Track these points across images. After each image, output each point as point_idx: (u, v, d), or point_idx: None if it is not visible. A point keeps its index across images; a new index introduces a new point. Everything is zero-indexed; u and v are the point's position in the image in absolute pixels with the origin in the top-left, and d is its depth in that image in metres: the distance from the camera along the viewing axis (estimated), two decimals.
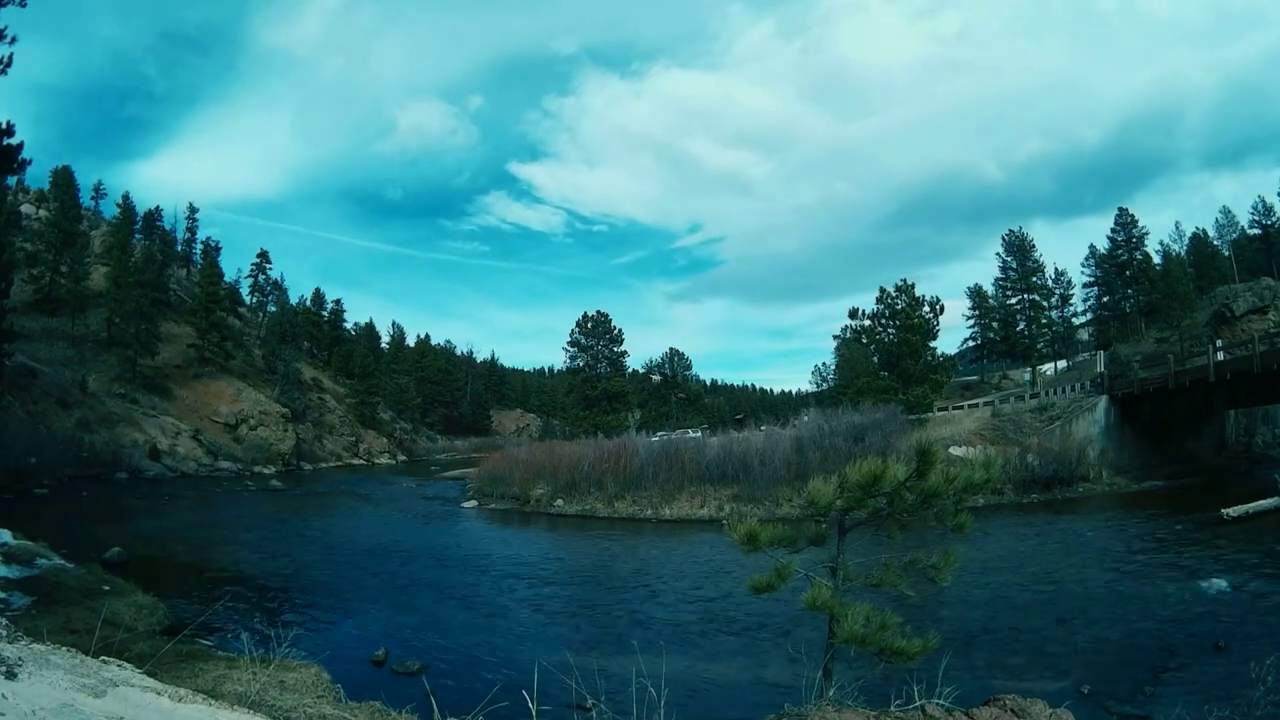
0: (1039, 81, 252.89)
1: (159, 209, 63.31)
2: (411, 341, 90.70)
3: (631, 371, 51.51)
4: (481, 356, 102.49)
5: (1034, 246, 46.36)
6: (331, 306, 72.71)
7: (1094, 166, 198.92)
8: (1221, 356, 24.69)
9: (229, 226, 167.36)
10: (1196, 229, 51.99)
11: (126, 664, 2.97)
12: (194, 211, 65.65)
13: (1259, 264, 45.73)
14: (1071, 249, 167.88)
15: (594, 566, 16.67)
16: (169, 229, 63.24)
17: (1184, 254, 48.42)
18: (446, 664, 9.34)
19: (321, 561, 16.51)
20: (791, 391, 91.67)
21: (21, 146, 18.61)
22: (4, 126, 17.98)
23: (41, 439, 29.15)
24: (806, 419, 31.24)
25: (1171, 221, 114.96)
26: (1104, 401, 26.75)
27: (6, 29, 15.62)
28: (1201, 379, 23.58)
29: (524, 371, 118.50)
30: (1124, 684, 7.95)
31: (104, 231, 54.71)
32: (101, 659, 2.86)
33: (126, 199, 54.21)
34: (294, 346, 59.44)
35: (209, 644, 8.92)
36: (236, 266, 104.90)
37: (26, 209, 48.34)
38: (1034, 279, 45.85)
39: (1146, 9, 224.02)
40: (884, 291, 35.11)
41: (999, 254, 47.23)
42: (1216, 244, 51.15)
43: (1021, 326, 45.80)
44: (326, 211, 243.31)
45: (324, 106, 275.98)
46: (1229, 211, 52.13)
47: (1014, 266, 46.37)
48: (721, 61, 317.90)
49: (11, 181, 40.93)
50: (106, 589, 10.60)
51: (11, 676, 2.19)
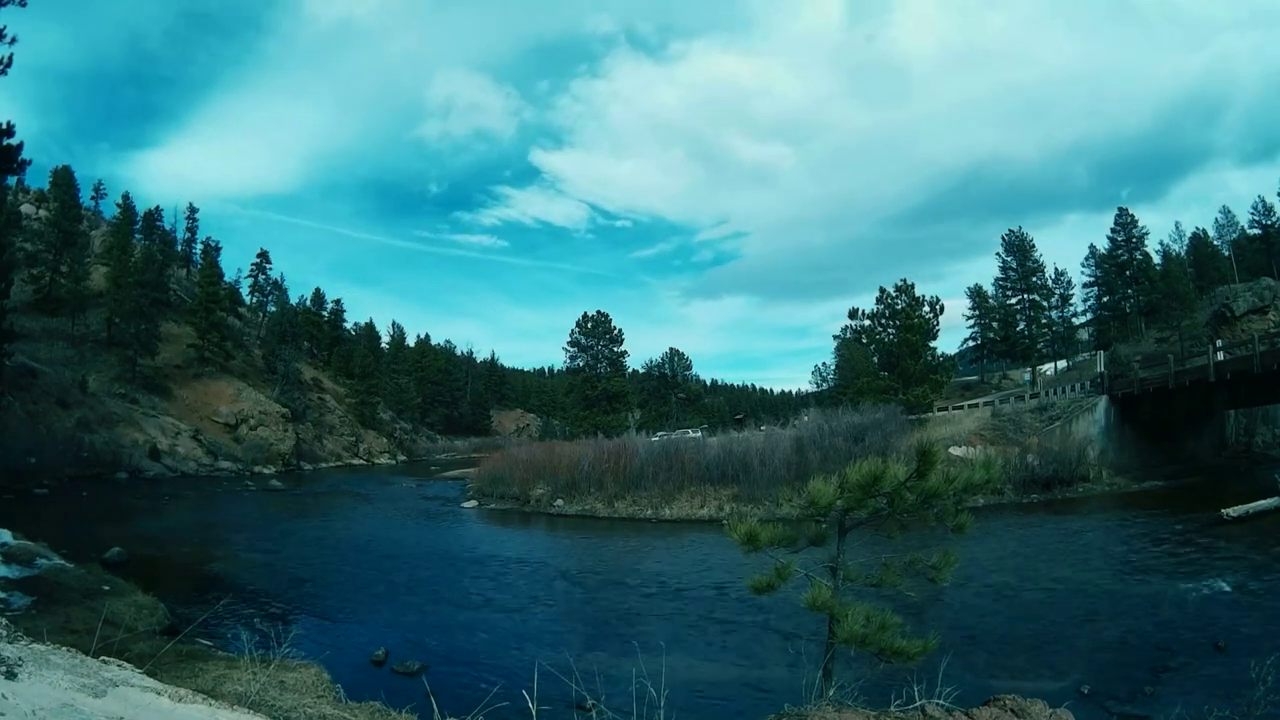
0: (1080, 68, 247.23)
1: (159, 209, 63.65)
2: (411, 341, 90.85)
3: (632, 371, 51.60)
4: (482, 356, 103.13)
5: (1034, 246, 46.38)
6: (331, 306, 72.92)
7: (1135, 157, 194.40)
8: (1221, 356, 24.70)
9: (239, 220, 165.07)
10: (1196, 229, 52.17)
11: (126, 664, 2.97)
12: (194, 211, 66.02)
13: (1259, 264, 45.72)
14: (1102, 243, 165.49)
15: (594, 567, 16.65)
16: (169, 229, 63.50)
17: (1184, 254, 48.45)
18: (446, 664, 9.34)
19: (321, 561, 16.52)
20: (792, 391, 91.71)
21: (21, 147, 18.58)
22: (4, 127, 17.95)
23: (41, 439, 29.16)
24: (806, 419, 31.23)
25: (1195, 217, 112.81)
26: (1104, 401, 26.75)
27: (6, 29, 15.62)
28: (1201, 379, 23.60)
29: (524, 371, 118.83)
30: (1124, 684, 7.95)
31: (104, 231, 54.74)
32: (101, 659, 2.86)
33: (126, 199, 54.49)
34: (294, 346, 59.47)
35: (209, 644, 8.91)
36: (245, 262, 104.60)
37: (26, 209, 48.37)
38: (1034, 279, 45.81)
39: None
40: (884, 291, 35.28)
41: (999, 254, 47.23)
42: (1216, 244, 51.18)
43: (1021, 326, 45.74)
44: (340, 205, 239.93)
45: (342, 94, 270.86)
46: (1229, 211, 52.25)
47: (1014, 266, 46.29)
48: (762, 46, 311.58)
49: (11, 181, 41.00)
50: (106, 589, 10.60)
51: (11, 676, 2.19)
